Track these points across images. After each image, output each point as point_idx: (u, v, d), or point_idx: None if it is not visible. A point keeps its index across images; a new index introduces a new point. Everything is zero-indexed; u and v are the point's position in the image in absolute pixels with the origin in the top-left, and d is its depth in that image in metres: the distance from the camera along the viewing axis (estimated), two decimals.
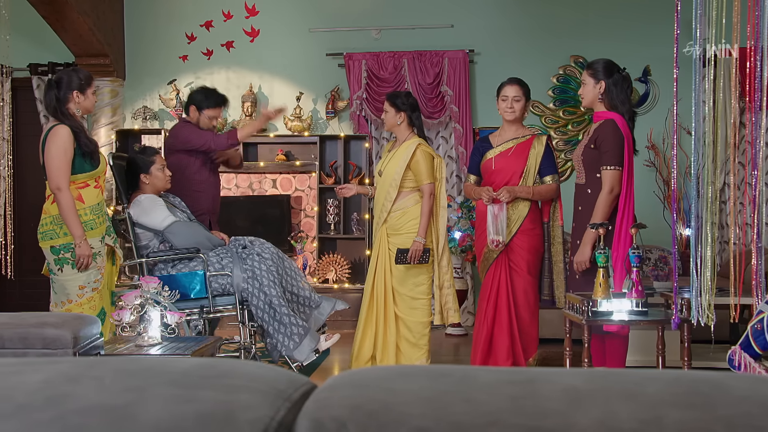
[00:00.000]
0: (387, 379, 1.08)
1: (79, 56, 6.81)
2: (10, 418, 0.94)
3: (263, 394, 1.05)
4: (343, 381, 1.11)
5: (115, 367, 1.11)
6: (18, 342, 3.12)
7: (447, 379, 1.05)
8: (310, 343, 4.51)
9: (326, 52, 7.01)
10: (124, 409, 0.97)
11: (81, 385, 1.03)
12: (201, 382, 1.06)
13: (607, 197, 3.90)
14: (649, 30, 6.64)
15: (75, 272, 4.08)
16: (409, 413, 0.96)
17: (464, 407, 0.97)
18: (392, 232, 4.60)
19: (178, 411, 0.98)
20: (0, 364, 1.11)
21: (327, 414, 0.99)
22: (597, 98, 4.03)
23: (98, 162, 4.17)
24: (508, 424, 0.95)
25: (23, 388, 1.01)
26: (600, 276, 3.52)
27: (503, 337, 4.39)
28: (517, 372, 1.11)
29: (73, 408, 0.98)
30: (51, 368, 1.08)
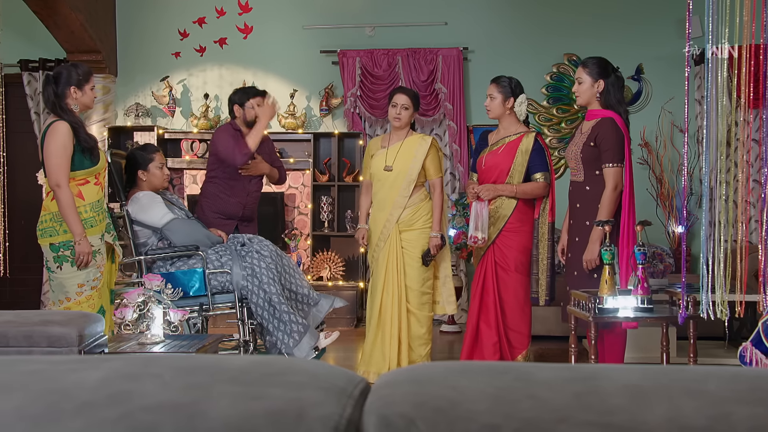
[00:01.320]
0: (447, 375, 1.08)
1: (70, 52, 6.74)
2: (75, 416, 0.93)
3: (327, 392, 1.05)
4: (402, 378, 1.11)
5: (172, 364, 1.11)
6: (23, 340, 3.10)
7: (507, 376, 1.05)
8: (310, 341, 4.50)
9: (320, 49, 6.98)
10: (191, 406, 0.96)
11: (141, 382, 1.02)
12: (263, 380, 1.05)
13: (611, 194, 3.93)
14: (642, 28, 6.69)
15: (74, 270, 4.03)
16: (476, 410, 0.96)
17: (531, 404, 0.97)
18: (405, 228, 4.58)
19: (247, 408, 0.97)
20: (53, 362, 1.10)
21: (393, 411, 0.98)
22: (594, 97, 4.04)
23: (98, 158, 4.12)
24: (577, 421, 0.96)
25: (83, 385, 1.00)
26: (606, 273, 3.54)
27: (490, 333, 4.43)
28: (575, 369, 1.11)
29: (139, 406, 0.97)
30: (106, 366, 1.08)
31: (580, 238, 4.07)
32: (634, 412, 0.98)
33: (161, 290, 3.91)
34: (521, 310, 4.45)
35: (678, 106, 6.54)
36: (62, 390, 0.99)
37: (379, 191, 4.64)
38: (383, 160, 4.61)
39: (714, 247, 2.87)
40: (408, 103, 4.57)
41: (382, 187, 4.62)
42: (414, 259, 4.57)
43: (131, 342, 3.89)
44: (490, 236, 4.39)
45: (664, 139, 6.55)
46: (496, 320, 4.42)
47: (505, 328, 4.45)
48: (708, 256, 2.87)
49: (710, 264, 2.90)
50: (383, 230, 4.60)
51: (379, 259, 4.63)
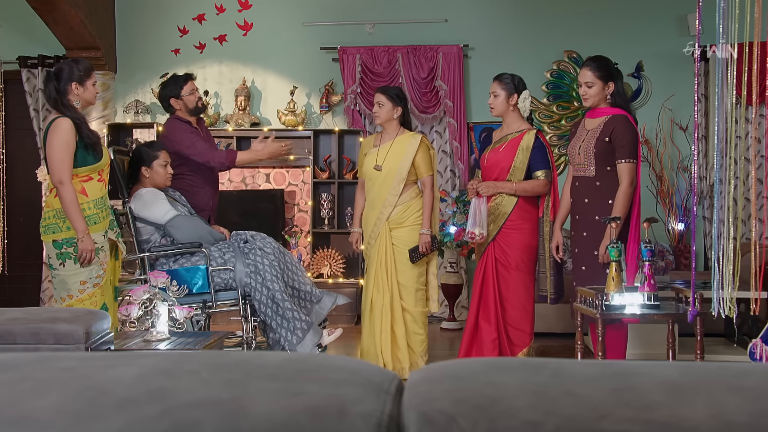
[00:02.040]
0: (483, 372, 1.08)
1: (70, 49, 6.71)
2: (116, 412, 0.92)
3: (365, 388, 1.05)
4: (437, 374, 1.11)
5: (206, 361, 1.10)
6: (30, 337, 3.08)
7: (543, 372, 1.05)
8: (313, 338, 4.49)
9: (320, 46, 6.96)
10: (232, 402, 0.96)
11: (179, 379, 1.01)
12: (299, 376, 1.05)
13: (627, 190, 3.94)
14: (642, 26, 6.69)
15: (77, 267, 4.01)
16: (516, 407, 0.95)
17: (570, 401, 0.97)
18: (395, 226, 4.61)
19: (289, 404, 0.96)
20: (86, 359, 1.09)
21: (433, 407, 0.98)
22: (605, 99, 4.06)
23: (101, 155, 4.10)
24: (618, 418, 0.96)
25: (120, 382, 1.00)
26: (613, 270, 3.54)
27: (489, 329, 4.44)
28: (611, 365, 1.12)
29: (180, 402, 0.96)
30: (141, 362, 1.07)
31: (589, 233, 4.07)
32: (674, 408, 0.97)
33: (166, 287, 3.91)
34: (522, 307, 4.45)
35: (678, 103, 6.55)
36: (99, 386, 0.98)
37: (371, 190, 4.69)
38: (374, 159, 4.66)
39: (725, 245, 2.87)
40: (383, 100, 4.62)
41: (373, 185, 4.66)
42: (405, 256, 4.60)
43: (136, 339, 3.88)
44: (491, 233, 4.40)
45: (664, 137, 6.56)
46: (495, 317, 4.42)
47: (505, 325, 4.45)
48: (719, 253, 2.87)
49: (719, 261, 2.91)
50: (374, 228, 4.64)
51: (371, 256, 4.68)
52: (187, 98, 4.83)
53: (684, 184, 6.55)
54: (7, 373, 1.02)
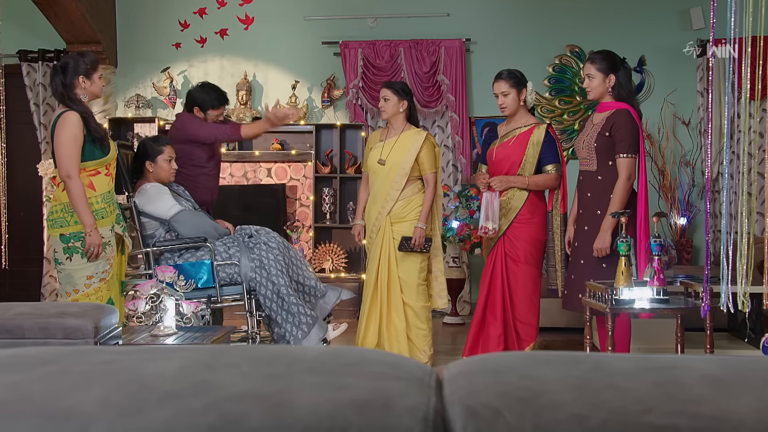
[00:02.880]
0: (521, 365, 1.08)
1: (70, 43, 6.67)
2: (162, 405, 0.91)
3: (408, 382, 1.05)
4: (475, 367, 1.11)
5: (244, 354, 1.10)
6: (38, 332, 3.08)
7: (582, 366, 1.05)
8: (318, 333, 4.49)
9: (322, 40, 6.94)
10: (276, 396, 0.95)
11: (220, 372, 1.00)
12: (340, 370, 1.04)
13: (625, 184, 3.94)
14: (645, 20, 6.68)
15: (84, 262, 3.99)
16: (560, 400, 0.95)
17: (613, 394, 0.97)
18: (396, 221, 4.62)
19: (334, 398, 0.96)
20: (122, 352, 1.08)
21: (477, 401, 0.97)
22: (607, 91, 4.06)
23: (108, 149, 4.08)
24: (663, 411, 0.95)
25: (162, 375, 1.00)
26: (622, 264, 3.54)
27: (495, 324, 4.44)
28: (649, 359, 1.12)
29: (224, 396, 0.96)
30: (178, 356, 1.07)
31: (590, 227, 4.08)
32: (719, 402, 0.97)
33: (173, 282, 3.89)
34: (530, 301, 4.46)
35: (680, 97, 6.56)
36: (140, 379, 0.98)
37: (374, 184, 4.70)
38: (378, 153, 4.67)
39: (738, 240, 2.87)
40: (388, 94, 4.63)
41: (376, 179, 4.68)
42: (407, 252, 4.60)
43: (143, 334, 3.87)
44: (501, 228, 4.40)
45: (667, 131, 6.56)
46: (503, 312, 4.43)
47: (513, 320, 4.45)
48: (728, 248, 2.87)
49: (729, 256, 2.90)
50: (375, 222, 4.65)
51: (372, 250, 4.69)
52: (209, 116, 4.84)
53: (686, 179, 6.55)
54: (47, 366, 1.01)
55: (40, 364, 1.02)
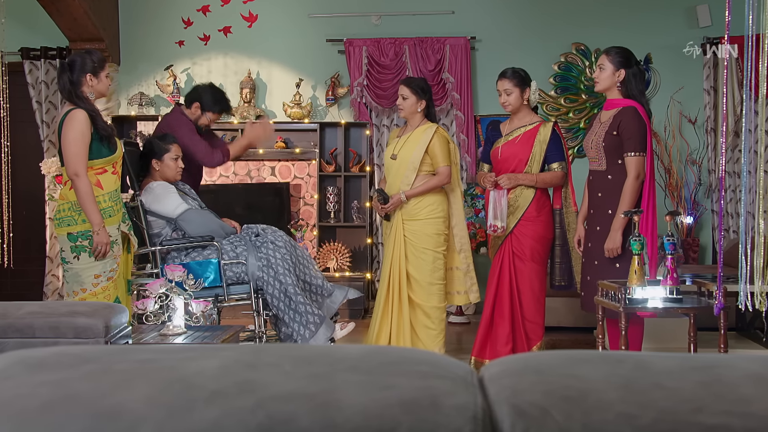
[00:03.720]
0: (563, 364, 1.07)
1: (73, 40, 6.63)
2: (209, 405, 0.90)
3: (452, 381, 1.05)
4: (516, 367, 1.11)
5: (285, 354, 1.08)
6: (49, 331, 3.07)
7: (625, 365, 1.04)
8: (326, 332, 4.46)
9: (326, 38, 6.91)
10: (323, 395, 0.94)
11: (263, 372, 0.99)
12: (383, 369, 1.03)
13: (633, 183, 3.91)
14: (651, 17, 6.66)
15: (91, 261, 3.97)
16: (607, 400, 0.94)
17: (661, 394, 0.96)
18: (409, 218, 4.57)
19: (381, 397, 0.94)
20: (163, 351, 1.07)
21: (524, 400, 0.97)
22: (615, 85, 4.03)
23: (115, 147, 4.06)
24: (714, 411, 0.94)
25: (205, 374, 0.99)
26: (635, 263, 3.52)
27: (504, 323, 4.42)
28: (691, 358, 1.12)
29: (271, 395, 0.94)
30: (220, 355, 1.07)
31: (602, 227, 4.05)
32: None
33: (183, 281, 3.87)
34: (536, 300, 4.44)
35: (687, 96, 6.54)
36: (185, 379, 0.97)
37: (387, 178, 4.71)
38: (392, 149, 4.66)
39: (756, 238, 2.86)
40: (407, 93, 4.57)
41: (389, 174, 4.68)
42: (418, 250, 4.54)
43: (152, 333, 3.85)
44: (508, 226, 4.38)
45: (673, 129, 6.54)
46: (511, 311, 4.41)
47: (522, 319, 4.43)
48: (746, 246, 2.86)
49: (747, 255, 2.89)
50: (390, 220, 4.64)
51: (386, 248, 4.68)
52: (205, 118, 4.85)
53: (692, 178, 6.54)
54: (89, 364, 1.00)
55: (81, 362, 1.01)
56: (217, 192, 6.71)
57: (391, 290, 4.59)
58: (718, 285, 3.19)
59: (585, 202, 4.24)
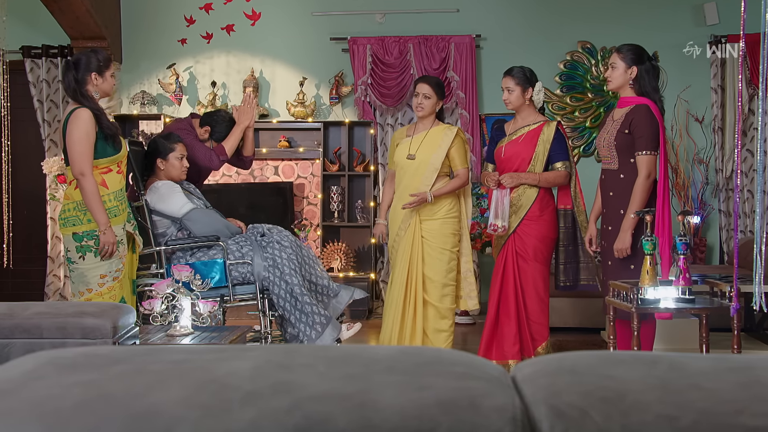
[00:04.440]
0: (598, 365, 1.05)
1: (75, 38, 6.60)
2: (245, 405, 0.89)
3: (488, 382, 1.05)
4: (551, 368, 1.11)
5: (317, 354, 1.06)
6: (56, 332, 3.05)
7: (660, 366, 1.04)
8: (332, 333, 4.44)
9: (330, 36, 6.87)
10: (359, 396, 0.93)
11: (297, 373, 0.98)
12: (418, 370, 1.01)
13: (644, 182, 3.88)
14: (658, 16, 6.63)
15: (97, 261, 3.94)
16: (646, 401, 0.94)
17: (699, 395, 0.95)
18: (426, 218, 4.54)
19: (418, 398, 0.93)
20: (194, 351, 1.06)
21: (561, 401, 0.96)
22: (627, 83, 4.01)
23: (120, 146, 4.03)
24: (755, 412, 0.93)
25: (239, 375, 0.97)
26: (647, 263, 3.49)
27: (510, 323, 4.39)
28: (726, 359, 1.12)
29: (306, 396, 0.92)
30: (251, 356, 1.07)
31: (614, 227, 4.03)
32: None
33: (190, 281, 3.84)
34: (540, 300, 4.41)
35: (694, 94, 6.51)
36: (219, 379, 0.95)
37: (402, 180, 4.60)
38: (407, 149, 4.57)
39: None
40: (430, 92, 4.53)
41: (404, 175, 4.58)
42: (436, 250, 4.52)
43: (159, 334, 3.82)
44: (511, 225, 4.36)
45: (680, 128, 6.51)
46: (516, 311, 4.38)
47: (526, 320, 4.41)
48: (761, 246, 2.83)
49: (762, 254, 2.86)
50: (404, 219, 4.55)
51: (399, 249, 4.58)
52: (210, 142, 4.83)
53: (699, 177, 6.51)
54: (119, 365, 0.98)
55: (111, 363, 0.99)
56: (219, 192, 6.68)
57: (410, 292, 4.53)
58: (734, 286, 3.16)
59: (597, 201, 4.22)
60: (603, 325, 5.66)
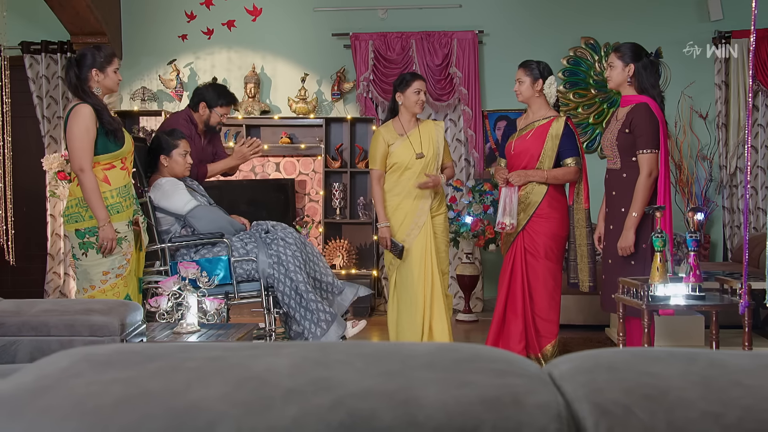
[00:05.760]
0: (636, 362, 1.04)
1: (75, 34, 6.56)
2: (287, 403, 0.87)
3: (529, 378, 1.04)
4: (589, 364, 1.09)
5: (352, 351, 1.04)
6: (64, 329, 3.03)
7: (699, 362, 1.03)
8: (337, 330, 4.42)
9: (331, 32, 6.84)
10: (401, 393, 0.91)
11: (335, 369, 0.96)
12: (459, 366, 1.00)
13: (646, 181, 3.89)
14: (661, 11, 6.61)
15: (99, 257, 3.92)
16: (689, 398, 0.93)
17: (742, 391, 0.94)
18: (435, 214, 4.64)
19: (461, 395, 0.92)
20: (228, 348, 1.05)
21: (604, 398, 0.94)
22: (626, 81, 4.02)
23: (123, 142, 3.99)
24: None
25: (277, 372, 0.94)
26: (657, 260, 3.48)
27: (516, 321, 4.39)
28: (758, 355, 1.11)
29: (348, 392, 0.91)
30: (287, 352, 1.03)
31: (615, 226, 4.03)
32: None
33: (196, 278, 3.81)
34: (551, 297, 4.40)
35: (697, 90, 6.50)
36: (258, 376, 0.93)
37: (410, 179, 4.57)
38: (410, 148, 4.56)
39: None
40: (425, 87, 4.67)
41: (412, 174, 4.57)
42: (443, 243, 4.64)
43: (166, 331, 3.80)
44: (520, 223, 4.35)
45: (684, 125, 6.49)
46: (523, 309, 4.38)
47: (533, 317, 4.40)
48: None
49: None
50: (417, 218, 4.56)
51: (413, 247, 4.55)
52: (214, 114, 4.82)
53: (703, 173, 6.49)
54: (154, 363, 0.96)
55: (146, 360, 0.97)
56: (221, 188, 6.64)
57: (427, 288, 4.57)
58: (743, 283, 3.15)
59: (604, 199, 4.22)
60: (607, 322, 5.65)
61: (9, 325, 2.96)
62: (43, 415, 0.80)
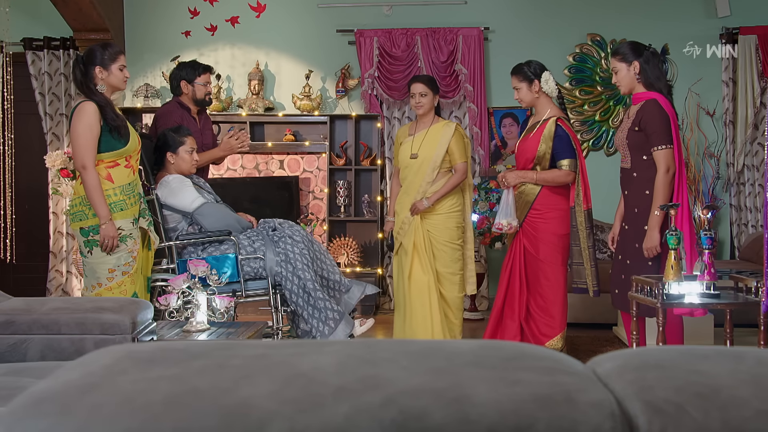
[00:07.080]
0: (683, 360, 1.04)
1: (77, 31, 6.52)
2: (338, 401, 0.86)
3: (579, 377, 1.03)
4: (635, 362, 1.06)
5: (397, 349, 1.04)
6: (75, 327, 3.02)
7: (746, 361, 1.02)
8: (345, 328, 4.40)
9: (336, 28, 6.80)
10: (451, 390, 0.90)
11: (382, 367, 0.95)
12: (506, 364, 0.99)
13: (664, 177, 3.83)
14: (668, 8, 6.57)
15: (103, 255, 3.91)
16: (741, 396, 0.92)
17: None
18: (428, 213, 4.63)
19: (513, 393, 0.91)
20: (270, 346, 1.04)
21: (656, 396, 0.94)
22: (635, 80, 3.98)
23: (128, 139, 3.97)
24: None
25: (324, 370, 0.93)
26: (671, 258, 3.45)
27: (513, 319, 4.42)
28: None
29: (398, 390, 0.89)
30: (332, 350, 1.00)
31: (629, 225, 4.00)
32: None
33: (206, 276, 3.79)
34: (553, 296, 4.38)
35: (705, 87, 6.47)
36: (305, 374, 0.91)
37: (406, 178, 4.71)
38: (409, 148, 4.69)
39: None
40: (425, 89, 4.64)
41: (408, 173, 4.69)
42: (442, 243, 4.63)
43: (175, 329, 3.78)
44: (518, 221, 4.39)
45: (691, 122, 6.47)
46: (519, 306, 4.40)
47: (530, 315, 4.40)
48: None
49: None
50: (408, 216, 4.65)
51: (403, 243, 4.67)
52: (198, 87, 4.82)
53: (710, 171, 6.47)
54: (197, 360, 0.95)
55: (189, 357, 0.95)
56: (224, 186, 6.60)
57: (416, 285, 4.63)
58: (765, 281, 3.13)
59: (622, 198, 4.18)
60: (615, 321, 5.63)
61: (20, 323, 2.94)
62: (94, 413, 0.79)
